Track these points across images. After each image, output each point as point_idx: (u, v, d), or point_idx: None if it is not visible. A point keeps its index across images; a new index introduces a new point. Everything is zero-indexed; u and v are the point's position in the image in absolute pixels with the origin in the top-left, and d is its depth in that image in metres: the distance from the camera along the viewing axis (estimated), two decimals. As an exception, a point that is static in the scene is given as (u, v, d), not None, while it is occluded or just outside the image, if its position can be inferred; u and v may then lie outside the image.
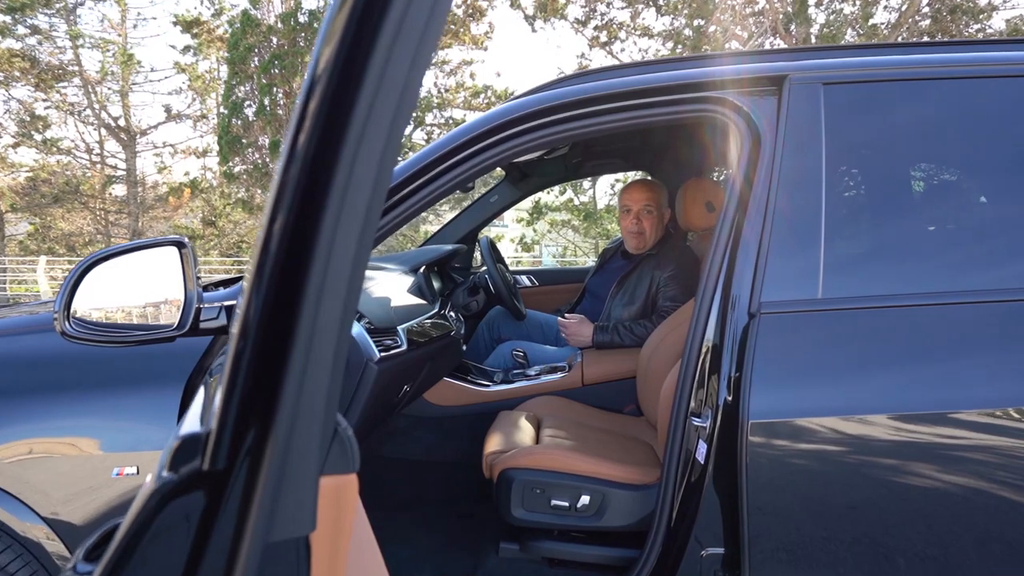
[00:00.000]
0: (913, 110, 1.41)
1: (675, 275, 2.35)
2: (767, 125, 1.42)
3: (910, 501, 1.23)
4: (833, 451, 1.24)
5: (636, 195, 2.50)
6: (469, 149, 1.50)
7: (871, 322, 1.30)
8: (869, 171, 1.43)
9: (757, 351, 1.28)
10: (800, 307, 1.31)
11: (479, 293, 2.77)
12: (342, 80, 0.40)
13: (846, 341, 1.30)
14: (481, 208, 3.17)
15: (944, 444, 1.23)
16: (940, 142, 1.45)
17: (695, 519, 1.38)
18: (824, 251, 1.33)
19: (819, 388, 1.27)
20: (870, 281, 1.33)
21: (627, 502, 1.59)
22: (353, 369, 1.56)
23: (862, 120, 1.40)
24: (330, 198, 0.39)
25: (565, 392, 2.27)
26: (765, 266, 1.34)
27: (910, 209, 1.43)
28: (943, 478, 1.22)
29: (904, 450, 1.23)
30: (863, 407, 1.23)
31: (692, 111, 1.48)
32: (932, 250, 1.39)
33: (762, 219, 1.36)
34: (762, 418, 1.25)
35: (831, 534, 1.25)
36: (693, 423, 1.39)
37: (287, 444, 0.41)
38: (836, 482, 1.24)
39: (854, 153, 1.43)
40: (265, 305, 0.40)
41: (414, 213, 1.51)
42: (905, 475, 1.22)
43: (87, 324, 1.12)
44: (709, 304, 1.42)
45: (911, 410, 1.23)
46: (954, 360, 1.27)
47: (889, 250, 1.37)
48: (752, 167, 1.41)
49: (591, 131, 1.50)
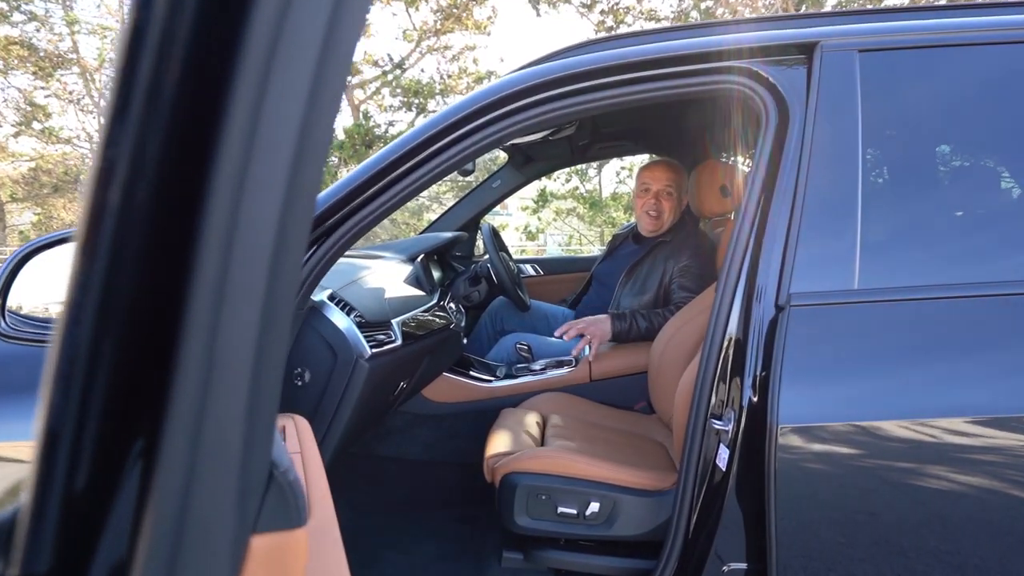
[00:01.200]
0: (961, 79, 1.27)
1: (690, 264, 2.21)
2: (795, 98, 1.28)
3: (972, 518, 1.10)
4: (877, 461, 1.11)
5: (658, 174, 2.36)
6: (466, 127, 1.37)
7: (914, 315, 1.17)
8: (911, 148, 1.28)
9: (787, 347, 1.15)
10: (833, 299, 1.18)
11: (481, 283, 2.64)
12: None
13: (885, 337, 1.16)
14: (483, 194, 3.04)
15: (1018, 451, 1.09)
16: (992, 115, 1.30)
17: (716, 531, 1.26)
18: (860, 236, 1.20)
19: (859, 389, 1.14)
20: (912, 269, 1.20)
21: (640, 509, 1.47)
22: (342, 367, 1.45)
23: (903, 91, 1.26)
24: (219, 156, 0.26)
25: (572, 388, 2.14)
26: (794, 253, 1.21)
27: (958, 189, 1.30)
28: (1018, 494, 1.09)
29: (959, 458, 1.09)
30: (905, 410, 1.10)
31: (711, 83, 1.35)
32: (985, 234, 1.25)
33: (790, 202, 1.24)
34: (794, 422, 1.12)
35: (871, 555, 1.13)
36: (713, 425, 1.27)
37: (181, 509, 0.28)
38: (879, 496, 1.11)
39: (894, 128, 1.29)
40: (102, 291, 0.28)
41: (404, 199, 1.38)
42: (961, 487, 1.09)
43: (26, 321, 1.00)
44: (731, 296, 1.29)
45: (963, 414, 1.10)
46: (1017, 357, 1.13)
47: (934, 234, 1.23)
48: (778, 145, 1.29)
49: (599, 106, 1.37)
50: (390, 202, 1.38)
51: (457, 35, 11.85)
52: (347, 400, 1.47)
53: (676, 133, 2.84)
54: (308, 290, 1.36)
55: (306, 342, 1.43)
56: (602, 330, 2.11)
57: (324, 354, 1.45)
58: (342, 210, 1.37)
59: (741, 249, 1.29)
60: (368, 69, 11.71)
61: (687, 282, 2.18)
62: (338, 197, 1.36)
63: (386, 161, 1.37)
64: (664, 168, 2.38)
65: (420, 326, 1.82)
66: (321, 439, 1.49)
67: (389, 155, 1.37)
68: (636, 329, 2.11)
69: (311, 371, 1.44)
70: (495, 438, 1.72)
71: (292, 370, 1.42)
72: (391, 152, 1.38)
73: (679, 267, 2.22)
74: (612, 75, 1.34)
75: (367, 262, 2.06)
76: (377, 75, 11.83)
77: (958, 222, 1.27)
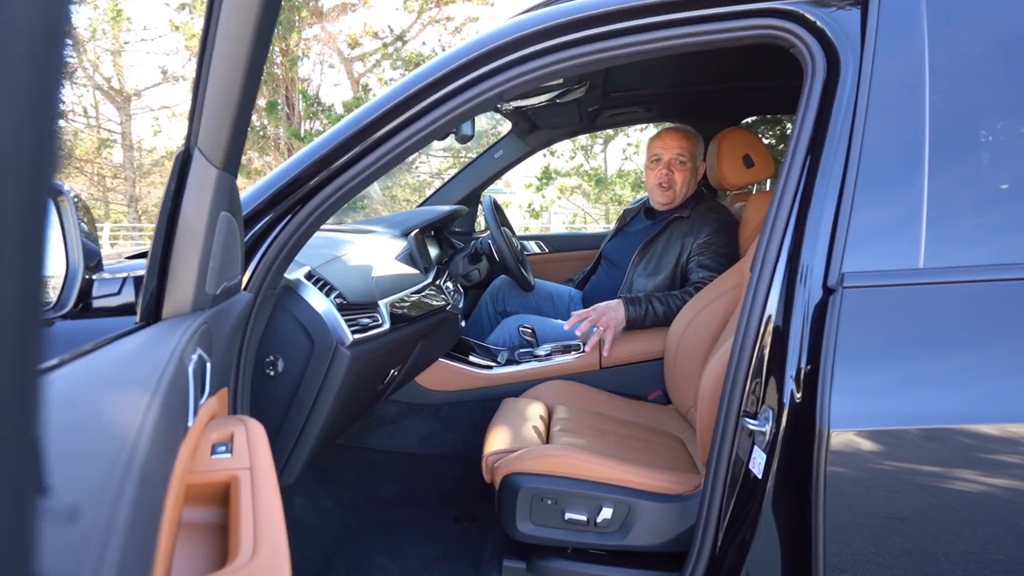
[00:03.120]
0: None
1: (711, 240, 2.01)
2: (847, 43, 1.10)
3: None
4: (958, 475, 0.93)
5: (669, 142, 2.16)
6: (462, 78, 1.19)
7: (993, 299, 0.98)
8: (991, 97, 1.08)
9: (840, 337, 0.98)
10: (895, 280, 1.00)
11: (481, 260, 2.45)
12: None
13: (958, 325, 0.98)
14: (485, 165, 2.83)
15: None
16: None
17: (749, 546, 1.10)
18: (928, 206, 1.01)
19: (930, 388, 0.96)
20: (992, 244, 1.01)
21: (658, 516, 1.30)
22: (320, 355, 1.27)
23: (982, 28, 1.06)
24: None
25: (580, 375, 1.96)
26: (847, 226, 1.03)
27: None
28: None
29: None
30: (991, 413, 0.92)
31: (744, 29, 1.15)
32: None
33: (841, 166, 1.06)
34: (849, 426, 0.95)
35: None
36: (747, 425, 1.10)
37: None
38: (958, 518, 0.93)
39: (970, 78, 1.09)
40: None
41: (392, 161, 1.21)
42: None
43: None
44: (769, 276, 1.11)
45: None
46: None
47: (1020, 201, 1.03)
48: (827, 99, 1.10)
49: (612, 56, 1.18)
50: (376, 165, 1.21)
51: (459, 5, 11.54)
52: (327, 391, 1.30)
53: (696, 96, 2.63)
54: (281, 267, 1.18)
55: (279, 326, 1.26)
56: (616, 318, 1.93)
57: (300, 340, 1.27)
58: (320, 173, 1.19)
59: (782, 222, 1.12)
60: (368, 41, 11.42)
61: (707, 260, 1.99)
62: (316, 158, 1.18)
63: (371, 116, 1.19)
64: (675, 135, 2.17)
65: (412, 308, 1.64)
66: (298, 435, 1.32)
67: (375, 110, 1.20)
68: (652, 314, 1.93)
69: (285, 359, 1.27)
70: (495, 432, 1.55)
71: (263, 358, 1.25)
72: (377, 107, 1.20)
73: (698, 244, 2.02)
74: (627, 19, 1.15)
75: (353, 237, 1.87)
76: (377, 47, 11.53)
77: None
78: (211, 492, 0.70)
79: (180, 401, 0.54)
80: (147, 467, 0.38)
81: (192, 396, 0.59)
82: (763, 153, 2.08)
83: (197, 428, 0.65)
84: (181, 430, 0.54)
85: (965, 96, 1.05)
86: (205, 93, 0.75)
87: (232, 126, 0.78)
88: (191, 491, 0.69)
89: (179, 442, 0.52)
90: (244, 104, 0.78)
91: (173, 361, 0.52)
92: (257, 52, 0.74)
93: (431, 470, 1.99)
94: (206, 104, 0.76)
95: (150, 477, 0.39)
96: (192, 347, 0.66)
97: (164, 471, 0.44)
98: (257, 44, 0.72)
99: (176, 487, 0.64)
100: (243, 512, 0.65)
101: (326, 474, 1.88)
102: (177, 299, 0.79)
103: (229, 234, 0.85)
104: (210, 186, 0.80)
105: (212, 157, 0.79)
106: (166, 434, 0.46)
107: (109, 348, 0.56)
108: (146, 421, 0.41)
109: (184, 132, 0.83)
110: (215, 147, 0.79)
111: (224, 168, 0.81)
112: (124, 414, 0.42)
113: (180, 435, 0.53)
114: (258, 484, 0.70)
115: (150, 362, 0.50)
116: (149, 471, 0.38)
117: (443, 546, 1.67)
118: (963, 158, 1.04)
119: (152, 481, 0.40)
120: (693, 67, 2.32)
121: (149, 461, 0.38)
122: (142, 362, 0.51)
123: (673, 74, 2.42)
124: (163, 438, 0.45)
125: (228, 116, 0.77)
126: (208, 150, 0.79)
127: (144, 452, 0.38)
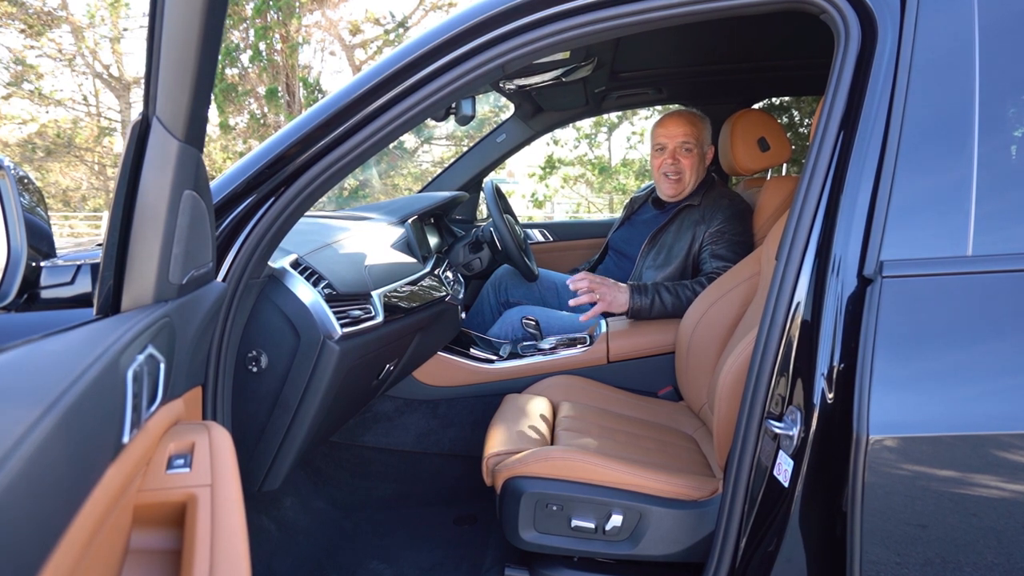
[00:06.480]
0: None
1: (724, 229, 1.90)
2: (887, 8, 1.00)
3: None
4: (1019, 481, 0.83)
5: (672, 128, 2.04)
6: (456, 50, 1.09)
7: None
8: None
9: (879, 332, 0.88)
10: (940, 268, 0.90)
11: (483, 249, 2.34)
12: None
13: (1011, 318, 0.88)
14: (487, 149, 2.72)
15: None
16: None
17: (774, 558, 1.01)
18: (977, 186, 0.91)
19: (984, 389, 0.86)
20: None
21: (672, 524, 1.21)
22: (306, 349, 1.18)
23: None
24: None
25: (586, 370, 1.86)
26: (885, 210, 0.94)
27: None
28: None
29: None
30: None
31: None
32: None
33: (879, 143, 0.96)
34: (892, 432, 0.85)
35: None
36: (771, 428, 1.00)
37: None
38: (1016, 533, 0.84)
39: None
40: None
41: (384, 139, 1.11)
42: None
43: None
44: (797, 265, 1.02)
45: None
46: None
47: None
48: (863, 70, 1.00)
49: (624, 23, 1.08)
50: (366, 143, 1.11)
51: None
52: (314, 388, 1.20)
53: (708, 76, 2.50)
54: (264, 254, 1.08)
55: (262, 319, 1.16)
56: (616, 298, 1.82)
57: (285, 333, 1.18)
58: (306, 151, 1.09)
59: (811, 206, 1.02)
60: (370, 28, 11.26)
61: (721, 250, 1.88)
62: (301, 134, 1.08)
63: (361, 90, 1.09)
64: (678, 120, 2.05)
65: (408, 299, 1.54)
66: (283, 436, 1.23)
67: (364, 83, 1.10)
68: (660, 305, 1.82)
69: (269, 354, 1.17)
70: (496, 431, 1.45)
71: (245, 353, 1.15)
72: (367, 79, 1.10)
73: (711, 232, 1.92)
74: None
75: (346, 223, 1.77)
76: (379, 34, 11.37)
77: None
78: (165, 513, 0.61)
79: (103, 413, 0.44)
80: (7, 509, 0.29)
81: (129, 405, 0.49)
82: (780, 136, 1.97)
83: (144, 441, 0.56)
84: (106, 449, 0.44)
85: (1021, 61, 0.94)
86: (160, 53, 0.65)
87: (192, 90, 0.68)
88: (141, 512, 0.60)
89: (103, 464, 0.43)
90: (204, 65, 0.68)
91: (98, 366, 0.43)
92: (214, 5, 0.64)
93: (429, 469, 1.90)
94: (162, 65, 0.66)
95: (17, 524, 0.30)
96: (139, 345, 0.56)
97: (50, 509, 0.35)
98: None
99: (121, 511, 0.55)
100: (199, 536, 0.56)
101: (318, 473, 1.79)
102: (137, 289, 0.69)
103: (195, 216, 0.76)
104: (171, 160, 0.70)
105: (172, 128, 0.69)
106: (65, 461, 0.36)
107: (29, 347, 0.46)
108: (19, 445, 0.31)
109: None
110: (175, 116, 0.69)
111: (186, 140, 0.71)
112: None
113: (105, 456, 0.44)
114: (219, 503, 0.60)
115: (62, 368, 0.40)
116: (12, 516, 0.29)
117: (441, 551, 1.58)
118: (1018, 132, 0.94)
119: (20, 530, 0.31)
120: (706, 44, 2.20)
121: (12, 499, 0.29)
122: (53, 368, 0.41)
123: (684, 52, 2.30)
124: (57, 465, 0.35)
125: (187, 79, 0.67)
126: (168, 119, 0.69)
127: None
